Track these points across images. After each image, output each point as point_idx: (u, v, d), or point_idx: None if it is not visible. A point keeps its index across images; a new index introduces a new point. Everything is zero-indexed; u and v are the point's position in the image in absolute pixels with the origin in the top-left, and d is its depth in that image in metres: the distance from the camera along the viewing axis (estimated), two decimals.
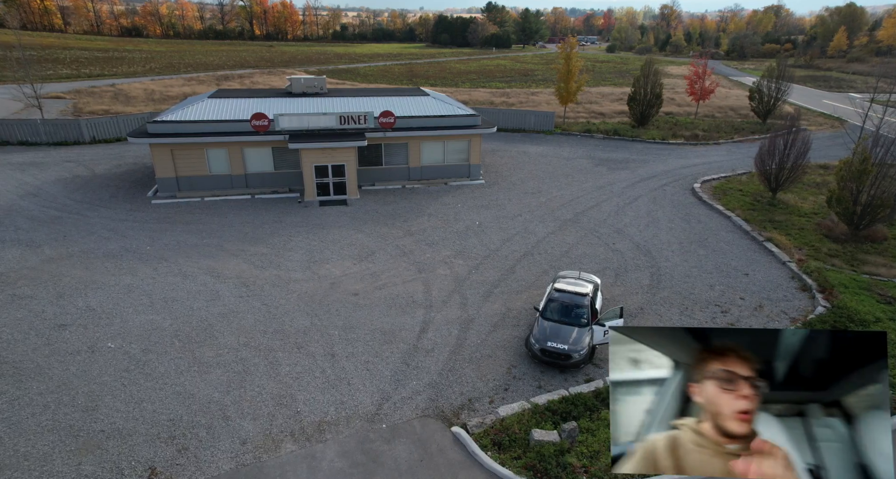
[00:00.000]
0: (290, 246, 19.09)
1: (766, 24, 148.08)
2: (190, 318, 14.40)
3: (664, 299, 15.93)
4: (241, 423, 10.87)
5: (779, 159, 22.44)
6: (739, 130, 39.33)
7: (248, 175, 24.36)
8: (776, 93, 39.58)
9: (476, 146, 26.73)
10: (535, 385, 12.28)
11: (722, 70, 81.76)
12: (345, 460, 10.08)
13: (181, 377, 12.09)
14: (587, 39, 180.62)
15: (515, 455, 10.11)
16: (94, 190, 24.02)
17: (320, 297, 15.79)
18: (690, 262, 18.33)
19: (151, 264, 17.38)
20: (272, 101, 25.86)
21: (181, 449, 10.12)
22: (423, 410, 11.46)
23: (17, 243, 18.43)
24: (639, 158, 31.86)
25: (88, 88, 51.42)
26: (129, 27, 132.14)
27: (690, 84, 43.22)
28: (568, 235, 20.53)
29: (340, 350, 13.34)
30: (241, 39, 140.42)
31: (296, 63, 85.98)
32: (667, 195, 25.28)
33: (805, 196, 24.84)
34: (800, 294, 16.14)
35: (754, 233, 20.43)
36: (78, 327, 13.73)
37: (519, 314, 15.06)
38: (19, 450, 9.90)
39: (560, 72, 38.83)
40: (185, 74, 65.99)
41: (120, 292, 15.54)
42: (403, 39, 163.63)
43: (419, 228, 21.00)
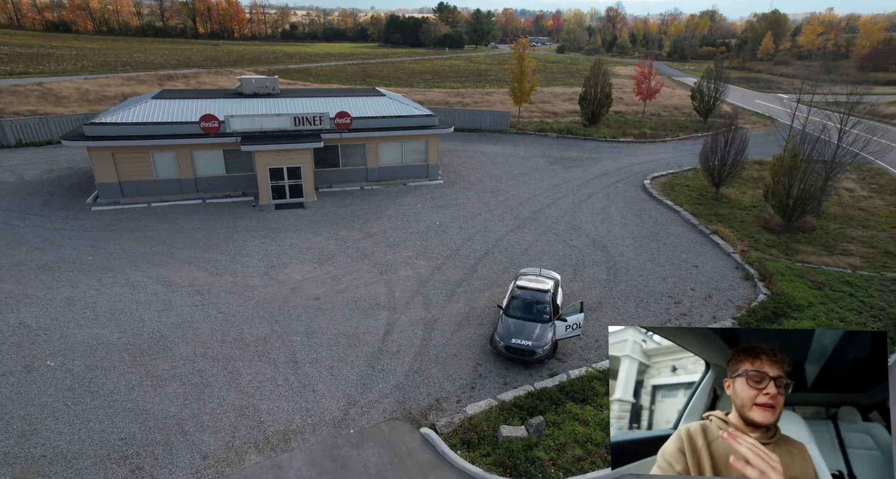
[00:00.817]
0: (245, 251, 18.46)
1: (702, 27, 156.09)
2: (140, 330, 13.66)
3: (621, 292, 16.49)
4: (201, 437, 10.41)
5: (720, 156, 23.71)
6: (684, 129, 41.26)
7: (199, 179, 23.36)
8: (715, 93, 41.78)
9: (434, 146, 26.75)
10: (501, 382, 12.43)
11: (665, 71, 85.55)
12: (313, 468, 9.85)
13: (132, 393, 11.45)
14: (537, 40, 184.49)
15: (485, 453, 10.20)
16: (23, 197, 22.36)
17: (280, 303, 15.36)
18: (644, 256, 19.06)
19: (94, 274, 16.35)
20: (222, 101, 24.91)
21: (135, 469, 9.59)
22: (390, 413, 11.36)
23: None
24: (591, 157, 32.84)
25: (10, 86, 47.76)
26: (55, 22, 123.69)
27: (637, 84, 44.95)
28: (527, 233, 20.89)
29: (303, 356, 13.02)
30: (183, 38, 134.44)
31: (244, 63, 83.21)
32: (619, 192, 26.19)
33: (744, 191, 26.36)
34: (744, 283, 17.11)
35: (701, 226, 21.50)
36: (10, 345, 12.72)
37: (482, 313, 15.19)
38: None
39: (514, 72, 39.46)
40: (122, 73, 62.50)
41: (59, 305, 14.54)
42: (355, 39, 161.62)
43: (379, 230, 20.80)
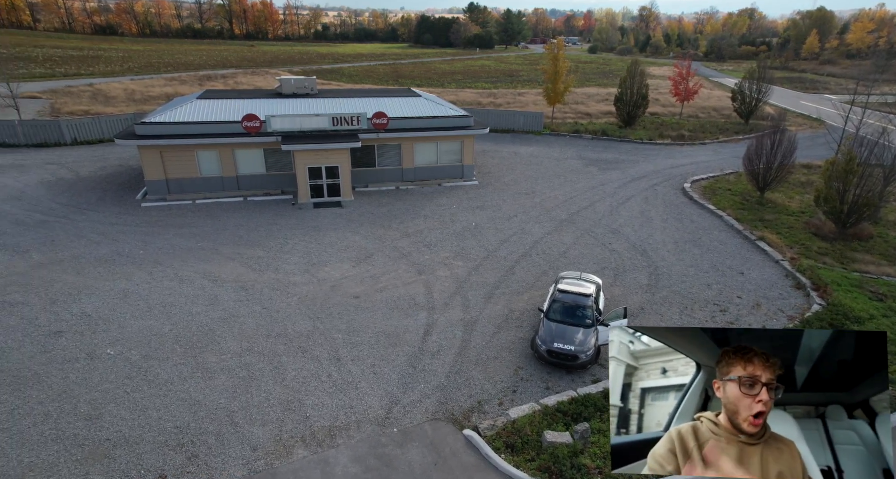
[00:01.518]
0: (286, 249, 18.86)
1: (740, 26, 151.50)
2: (190, 323, 14.13)
3: (663, 298, 16.18)
4: (251, 429, 10.70)
5: (766, 159, 22.99)
6: (724, 131, 40.17)
7: (240, 177, 23.99)
8: (757, 94, 40.52)
9: (469, 147, 26.78)
10: (543, 386, 12.36)
11: (702, 71, 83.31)
12: (358, 465, 10.01)
13: (185, 384, 11.85)
14: (568, 40, 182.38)
15: (529, 457, 10.16)
16: (80, 193, 23.38)
17: (321, 300, 15.64)
18: (686, 261, 18.65)
19: (146, 268, 16.99)
20: (263, 102, 25.52)
21: (191, 457, 9.93)
22: (432, 413, 11.43)
23: (4, 248, 17.83)
24: (628, 159, 32.30)
25: (65, 87, 50.03)
26: (102, 25, 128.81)
27: (675, 85, 43.97)
28: (564, 236, 20.70)
29: (345, 354, 13.24)
30: (220, 39, 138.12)
31: (279, 63, 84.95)
32: (658, 195, 25.68)
33: (792, 195, 25.49)
34: (795, 292, 16.55)
35: (746, 232, 20.90)
36: (74, 333, 13.35)
37: (522, 315, 15.14)
38: (23, 461, 9.61)
39: (548, 72, 39.14)
40: (166, 74, 64.66)
41: (115, 297, 15.16)
42: (386, 39, 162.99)
43: (416, 230, 20.95)
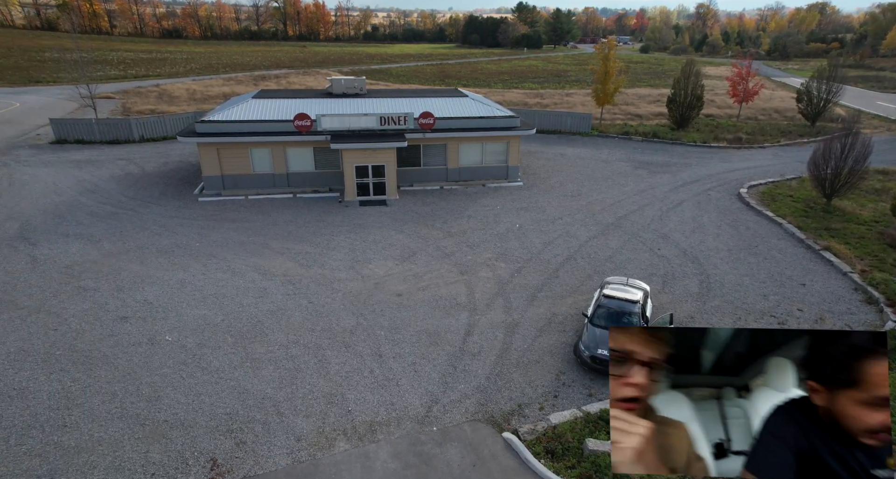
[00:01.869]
0: (332, 245, 19.34)
1: (809, 22, 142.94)
2: (240, 314, 14.74)
3: (715, 307, 15.50)
4: (295, 420, 11.05)
5: (835, 164, 21.55)
6: (786, 133, 38.02)
7: (290, 174, 24.80)
8: (826, 94, 38.09)
9: (515, 148, 26.57)
10: (586, 393, 12.11)
11: (764, 71, 79.19)
12: (398, 461, 10.14)
13: (235, 372, 12.38)
14: (619, 39, 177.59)
15: (570, 465, 9.98)
16: (145, 187, 24.85)
17: (365, 297, 15.94)
18: (741, 270, 17.79)
19: (201, 260, 17.86)
20: (314, 101, 26.26)
21: (239, 443, 10.36)
22: (472, 414, 11.43)
23: (80, 237, 19.22)
24: (680, 162, 31.14)
25: (135, 88, 53.32)
26: (169, 29, 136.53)
27: (733, 86, 42.01)
28: (611, 240, 20.19)
29: (387, 351, 13.43)
30: (274, 40, 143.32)
31: (329, 63, 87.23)
32: (712, 200, 24.62)
33: (864, 203, 23.78)
34: (865, 307, 15.46)
35: (809, 241, 19.69)
36: (138, 319, 14.22)
37: (565, 320, 14.89)
38: (94, 435, 10.34)
39: (597, 73, 38.27)
40: (223, 75, 67.72)
41: (173, 286, 16.03)
42: (433, 40, 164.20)
43: (459, 230, 20.99)
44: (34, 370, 12.10)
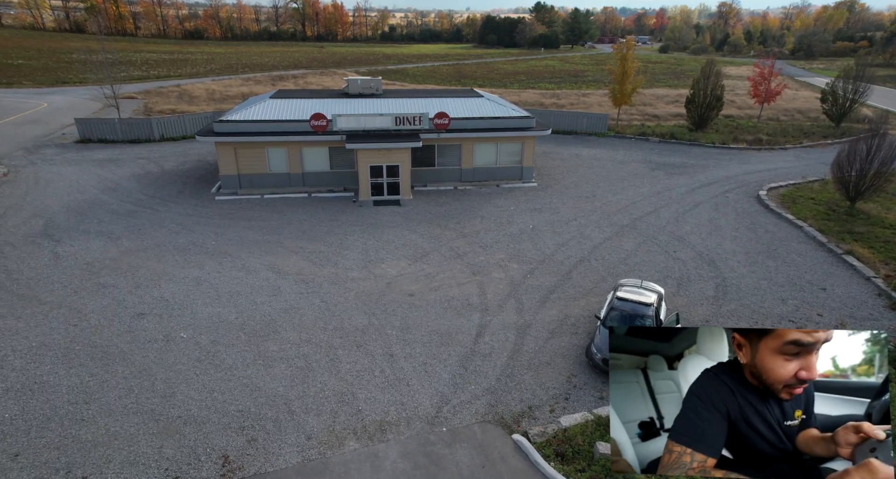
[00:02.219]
0: (346, 244, 19.47)
1: (837, 20, 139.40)
2: (254, 312, 14.92)
3: (731, 311, 15.21)
4: (306, 418, 11.14)
5: (860, 166, 20.98)
6: (809, 135, 37.15)
7: (306, 174, 25.03)
8: (853, 94, 37.10)
9: (530, 148, 26.44)
10: (597, 396, 11.99)
11: (788, 70, 77.47)
12: (407, 461, 10.15)
13: (247, 370, 12.53)
14: (638, 39, 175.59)
15: (580, 468, 9.89)
16: (164, 186, 25.33)
17: (377, 296, 16.00)
18: (759, 273, 17.43)
19: (217, 258, 18.13)
20: (330, 101, 26.46)
21: (251, 440, 10.48)
22: (482, 415, 11.39)
23: (100, 234, 19.67)
24: (698, 163, 30.65)
25: (157, 88, 54.39)
26: (192, 30, 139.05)
27: (754, 86, 41.19)
28: (625, 242, 19.96)
29: (399, 350, 13.47)
30: (293, 40, 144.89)
31: (346, 64, 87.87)
32: (730, 202, 24.18)
33: (890, 206, 23.09)
34: (889, 313, 15.02)
35: (831, 245, 19.20)
36: (154, 316, 14.49)
37: (577, 322, 14.76)
38: (110, 430, 10.57)
39: (615, 73, 37.88)
40: (242, 75, 68.69)
41: (189, 284, 16.30)
42: (450, 40, 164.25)
43: (472, 230, 20.96)
44: (54, 365, 12.41)
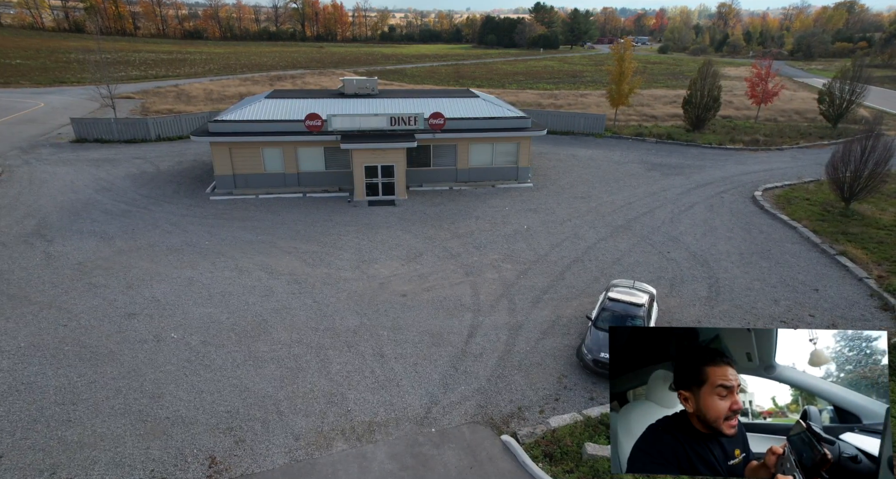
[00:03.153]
0: (339, 245, 19.43)
1: (836, 21, 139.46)
2: (245, 312, 14.88)
3: (723, 312, 15.17)
4: (294, 419, 11.10)
5: (854, 166, 20.95)
6: (806, 135, 37.13)
7: (301, 174, 24.99)
8: (850, 95, 37.08)
9: (525, 149, 26.40)
10: (587, 397, 11.95)
11: (786, 71, 77.61)
12: (395, 462, 10.11)
13: (237, 370, 12.49)
14: (638, 40, 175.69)
15: (567, 469, 9.85)
16: (159, 186, 25.29)
17: (369, 297, 15.97)
18: (752, 274, 17.40)
19: (210, 258, 18.09)
20: (326, 101, 26.43)
21: (238, 441, 10.44)
22: (471, 416, 11.36)
23: (93, 234, 19.63)
24: (694, 164, 30.62)
25: (154, 88, 54.37)
26: (191, 30, 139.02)
27: (752, 86, 41.17)
28: (620, 242, 19.93)
29: (389, 351, 13.43)
30: (292, 40, 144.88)
31: (345, 64, 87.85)
32: (725, 203, 24.15)
33: (885, 207, 23.06)
34: (880, 314, 14.98)
35: (824, 245, 19.17)
36: (145, 316, 14.45)
37: (569, 322, 14.72)
38: (97, 431, 10.52)
39: (612, 73, 37.87)
40: (240, 75, 68.66)
41: (181, 284, 16.26)
42: (450, 40, 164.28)
43: (467, 231, 20.92)
44: (43, 365, 12.37)
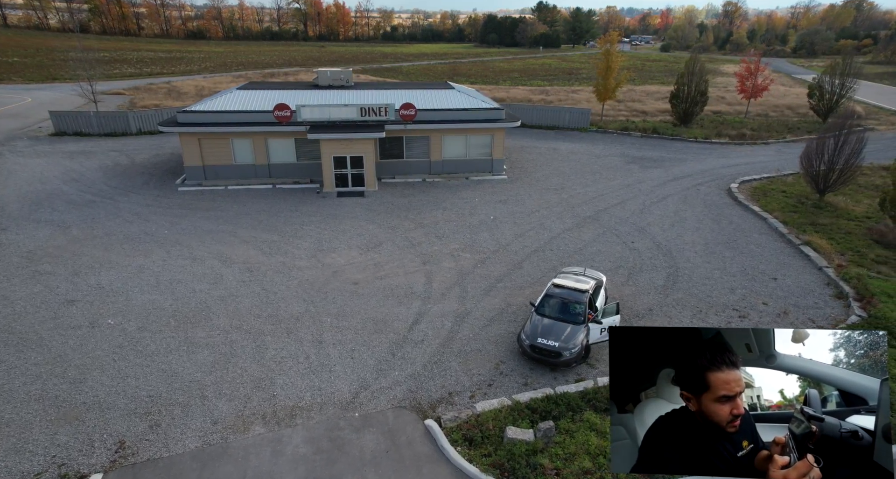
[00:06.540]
0: (300, 235, 19.22)
1: (844, 18, 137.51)
2: (190, 299, 14.70)
3: (677, 300, 14.79)
4: (217, 403, 10.88)
5: (828, 159, 20.46)
6: (794, 130, 36.53)
7: (272, 165, 24.83)
8: (840, 89, 36.41)
9: (499, 140, 26.09)
10: (522, 382, 11.64)
11: (785, 68, 76.65)
12: (310, 446, 9.86)
13: (169, 356, 12.29)
14: (641, 39, 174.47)
15: (485, 452, 9.56)
16: (131, 177, 25.23)
17: (320, 284, 15.74)
18: (713, 263, 16.98)
19: (166, 247, 17.94)
20: (298, 93, 26.28)
21: (153, 425, 10.23)
22: (399, 400, 11.09)
23: (50, 223, 19.55)
24: (675, 157, 30.15)
25: (147, 84, 54.58)
26: (194, 30, 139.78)
27: (741, 81, 40.60)
28: (585, 233, 19.57)
29: (329, 337, 13.19)
30: (295, 40, 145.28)
31: (343, 62, 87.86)
32: (699, 195, 23.70)
33: (859, 199, 22.53)
34: (833, 302, 14.54)
35: (790, 236, 18.70)
36: (85, 303, 14.30)
37: (518, 310, 14.41)
38: (3, 417, 10.31)
39: (599, 68, 37.47)
40: (234, 72, 68.83)
41: (131, 272, 16.11)
42: (452, 39, 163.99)
43: (431, 221, 20.65)
44: None
